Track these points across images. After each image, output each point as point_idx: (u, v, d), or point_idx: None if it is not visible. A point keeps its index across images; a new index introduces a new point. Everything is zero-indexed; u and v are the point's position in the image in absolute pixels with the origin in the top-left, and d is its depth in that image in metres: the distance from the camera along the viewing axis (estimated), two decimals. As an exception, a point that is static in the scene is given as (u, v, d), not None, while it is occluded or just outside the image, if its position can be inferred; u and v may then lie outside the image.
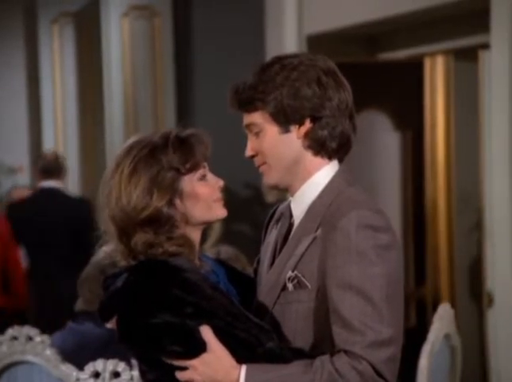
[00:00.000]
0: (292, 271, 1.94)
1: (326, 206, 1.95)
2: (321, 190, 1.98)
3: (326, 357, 1.85)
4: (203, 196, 1.95)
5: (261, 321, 1.90)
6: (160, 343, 1.86)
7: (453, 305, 3.95)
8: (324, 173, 1.99)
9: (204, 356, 1.85)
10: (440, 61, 4.93)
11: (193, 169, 1.95)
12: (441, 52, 4.93)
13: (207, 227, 2.03)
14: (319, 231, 1.93)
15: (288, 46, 5.10)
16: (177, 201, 1.93)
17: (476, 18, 4.50)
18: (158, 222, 1.91)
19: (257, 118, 1.97)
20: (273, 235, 2.07)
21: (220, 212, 1.98)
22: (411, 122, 4.95)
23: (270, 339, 1.88)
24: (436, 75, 4.92)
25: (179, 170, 1.93)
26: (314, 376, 1.82)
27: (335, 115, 1.97)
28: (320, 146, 1.97)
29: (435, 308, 3.69)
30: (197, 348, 1.85)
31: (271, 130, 1.97)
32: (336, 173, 2.00)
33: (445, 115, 4.96)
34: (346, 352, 1.83)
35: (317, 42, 5.07)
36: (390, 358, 1.84)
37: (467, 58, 4.92)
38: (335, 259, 1.87)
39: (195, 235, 1.97)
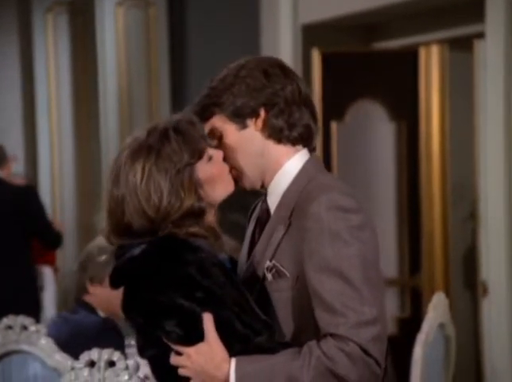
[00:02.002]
0: (270, 261, 1.96)
1: (298, 193, 1.97)
2: (293, 178, 2.00)
3: (313, 343, 1.85)
4: (218, 176, 1.98)
5: (267, 317, 1.91)
6: (162, 321, 1.87)
7: (448, 295, 3.96)
8: (295, 162, 2.01)
9: (200, 346, 1.86)
10: (435, 51, 4.92)
11: (201, 156, 1.97)
12: (436, 42, 4.93)
13: None
14: (292, 218, 1.95)
15: (283, 36, 5.09)
16: (200, 191, 1.95)
17: (471, 8, 4.49)
18: (192, 215, 1.93)
19: (215, 122, 2.02)
20: (251, 228, 2.10)
21: (232, 183, 2.01)
22: (406, 112, 4.95)
23: (271, 334, 1.89)
24: (431, 64, 4.92)
25: (191, 164, 1.95)
26: (303, 362, 1.83)
27: (288, 103, 2.00)
28: (279, 134, 2.00)
29: (430, 297, 3.70)
30: (196, 334, 1.86)
31: (230, 129, 2.00)
32: (306, 161, 2.02)
33: (440, 105, 4.96)
34: (331, 335, 1.84)
35: (312, 32, 5.06)
36: (376, 337, 1.84)
37: (462, 48, 4.92)
38: (309, 244, 1.89)
39: (213, 216, 2.00)
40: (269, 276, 1.95)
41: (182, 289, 1.86)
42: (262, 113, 1.99)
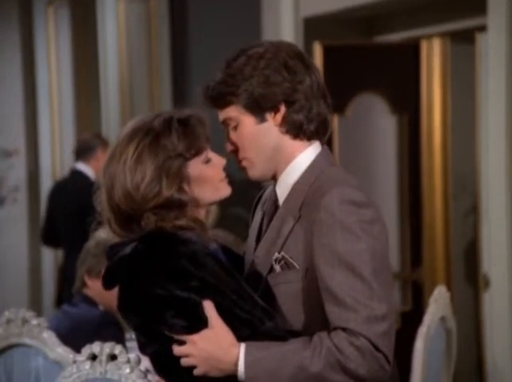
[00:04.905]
0: (279, 253, 1.95)
1: (308, 185, 1.96)
2: (304, 171, 1.99)
3: (324, 334, 1.86)
4: (210, 179, 1.97)
5: (265, 304, 1.91)
6: (163, 314, 1.86)
7: (449, 288, 3.96)
8: (307, 154, 2.00)
9: (205, 332, 1.86)
10: (436, 44, 4.92)
11: (198, 153, 1.96)
12: (438, 35, 4.92)
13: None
14: (303, 210, 1.94)
15: (284, 29, 5.09)
16: (185, 186, 1.94)
17: (473, 1, 4.48)
18: (169, 207, 1.92)
19: (231, 112, 1.99)
20: (258, 219, 2.09)
21: (226, 190, 2.00)
22: (407, 105, 4.94)
23: (272, 321, 1.89)
24: (433, 57, 4.91)
25: (185, 157, 1.94)
26: (313, 352, 1.83)
27: (308, 97, 1.98)
28: (297, 130, 1.98)
29: (431, 291, 3.70)
30: (199, 323, 1.86)
31: (248, 121, 1.98)
32: (318, 154, 2.01)
33: (442, 98, 4.95)
34: (342, 329, 1.84)
35: (314, 25, 5.05)
36: (385, 332, 1.85)
37: (464, 41, 4.91)
38: (321, 237, 1.88)
39: (201, 215, 1.99)
40: (277, 268, 1.95)
41: (176, 281, 1.86)
42: (282, 108, 1.97)
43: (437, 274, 4.95)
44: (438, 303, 3.48)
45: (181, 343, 1.87)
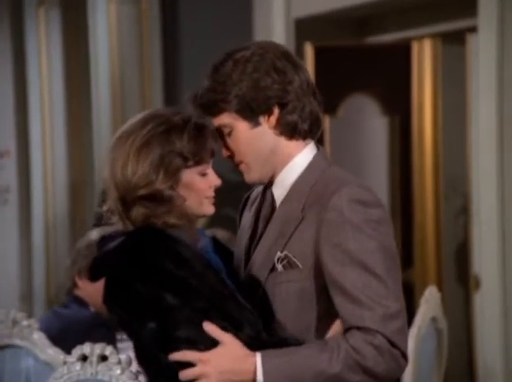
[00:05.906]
0: (281, 252, 1.94)
1: (309, 186, 1.96)
2: (302, 171, 1.98)
3: (339, 337, 1.86)
4: (197, 191, 1.96)
5: (250, 306, 1.90)
6: (142, 312, 1.86)
7: (440, 289, 3.97)
8: (304, 155, 1.99)
9: (217, 350, 1.84)
10: (427, 45, 4.93)
11: (198, 163, 1.95)
12: (429, 36, 4.93)
13: None
14: (306, 210, 1.93)
15: (276, 30, 5.09)
16: (174, 186, 1.94)
17: (464, 2, 4.50)
18: (159, 200, 1.93)
19: (224, 119, 1.97)
20: (247, 220, 2.08)
21: (208, 209, 1.98)
22: (399, 106, 4.95)
23: (254, 324, 1.88)
24: (424, 58, 4.92)
25: (186, 160, 1.93)
26: (331, 355, 1.83)
27: (299, 97, 1.97)
28: (292, 130, 1.98)
29: (422, 291, 3.71)
30: (173, 324, 1.84)
31: (242, 126, 1.97)
32: (316, 154, 2.01)
33: (433, 99, 4.96)
34: (358, 328, 1.85)
35: (305, 26, 5.06)
36: (400, 329, 1.86)
37: (454, 42, 4.92)
38: (330, 236, 1.88)
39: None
40: (279, 267, 1.93)
41: (158, 280, 1.85)
42: (275, 111, 1.96)
43: (428, 275, 4.95)
44: (429, 304, 3.48)
45: (187, 364, 1.83)
